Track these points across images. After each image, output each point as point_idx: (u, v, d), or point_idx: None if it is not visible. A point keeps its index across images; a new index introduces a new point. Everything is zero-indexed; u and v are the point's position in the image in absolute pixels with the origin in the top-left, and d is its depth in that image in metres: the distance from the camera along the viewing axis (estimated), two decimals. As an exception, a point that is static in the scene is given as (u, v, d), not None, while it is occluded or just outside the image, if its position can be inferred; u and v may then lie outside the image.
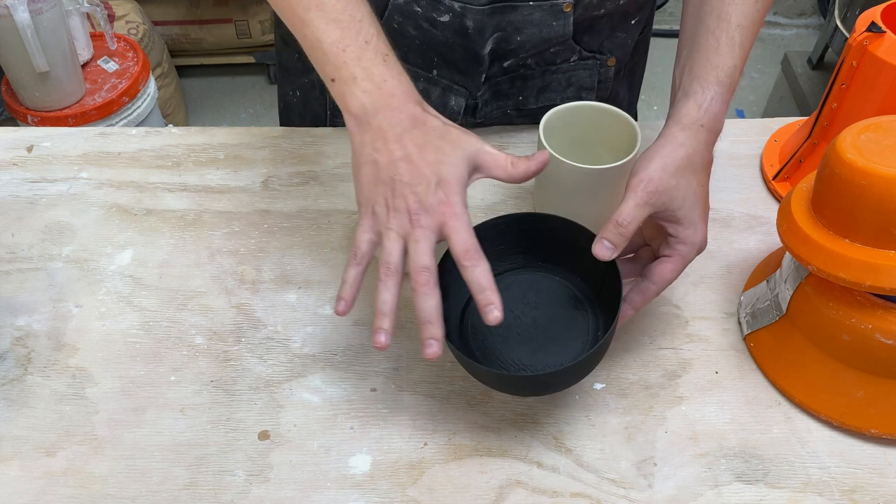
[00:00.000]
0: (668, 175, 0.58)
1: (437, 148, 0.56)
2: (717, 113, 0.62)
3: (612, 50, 0.84)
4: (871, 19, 0.73)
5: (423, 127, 0.57)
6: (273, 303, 0.73)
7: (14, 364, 0.68)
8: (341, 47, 0.58)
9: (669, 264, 0.60)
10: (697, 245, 0.60)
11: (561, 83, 0.85)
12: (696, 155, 0.60)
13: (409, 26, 0.78)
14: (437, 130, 0.57)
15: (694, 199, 0.59)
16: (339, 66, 0.58)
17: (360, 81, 0.57)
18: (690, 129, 0.61)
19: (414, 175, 0.55)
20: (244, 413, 0.65)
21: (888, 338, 0.58)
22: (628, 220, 0.57)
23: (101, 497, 0.60)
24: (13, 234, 0.79)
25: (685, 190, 0.59)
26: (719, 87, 0.62)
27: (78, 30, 1.68)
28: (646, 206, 0.58)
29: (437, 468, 0.61)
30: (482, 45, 0.78)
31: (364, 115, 0.57)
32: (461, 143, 0.57)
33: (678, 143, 0.60)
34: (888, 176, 0.54)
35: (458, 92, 0.84)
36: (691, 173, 0.60)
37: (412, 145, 0.56)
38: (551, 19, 0.76)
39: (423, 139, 0.56)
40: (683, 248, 0.60)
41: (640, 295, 0.61)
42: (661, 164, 0.59)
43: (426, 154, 0.55)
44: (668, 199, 0.58)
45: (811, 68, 2.07)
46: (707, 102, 0.61)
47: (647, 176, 0.58)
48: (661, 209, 0.59)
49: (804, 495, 0.60)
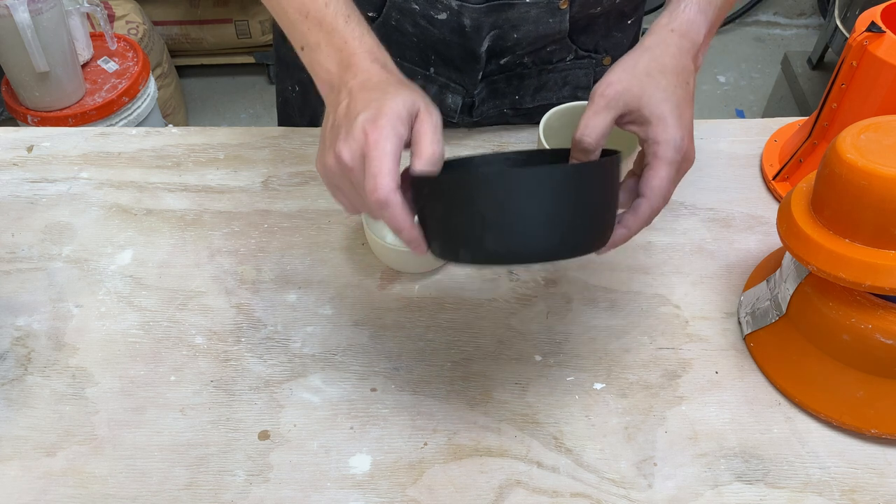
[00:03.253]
0: (629, 76, 0.55)
1: (381, 90, 0.53)
2: (690, 20, 0.59)
3: (607, 49, 0.84)
4: (871, 19, 0.73)
5: (376, 78, 0.55)
6: (273, 303, 0.73)
7: (14, 364, 0.68)
8: (303, 13, 0.58)
9: (651, 171, 0.55)
10: (672, 143, 0.54)
11: (557, 82, 0.85)
12: (665, 56, 0.57)
13: (406, 23, 0.79)
14: (389, 83, 0.54)
15: (663, 96, 0.55)
16: (305, 32, 0.59)
17: (324, 47, 0.57)
18: (658, 34, 0.59)
19: (349, 115, 0.53)
20: (244, 413, 0.65)
21: (888, 338, 0.58)
22: (586, 132, 0.55)
23: (101, 497, 0.60)
24: (13, 234, 0.79)
25: (651, 88, 0.55)
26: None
27: (78, 30, 1.68)
28: (606, 110, 0.55)
29: (437, 468, 0.61)
30: (479, 42, 0.78)
31: (329, 79, 0.57)
32: (406, 90, 0.54)
33: (643, 48, 0.58)
34: (888, 176, 0.54)
35: (454, 90, 0.84)
36: (659, 73, 0.56)
37: (360, 93, 0.54)
38: (548, 16, 0.77)
39: (371, 89, 0.54)
40: (658, 148, 0.54)
41: (632, 213, 0.56)
42: (621, 67, 0.56)
43: (368, 94, 0.53)
44: (631, 98, 0.55)
45: (811, 68, 2.07)
46: (680, 10, 0.59)
47: (606, 80, 0.56)
48: (625, 111, 0.55)
49: (804, 495, 0.60)
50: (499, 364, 0.68)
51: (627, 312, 0.72)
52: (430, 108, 0.53)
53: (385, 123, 0.51)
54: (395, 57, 0.82)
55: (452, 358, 0.69)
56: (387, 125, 0.50)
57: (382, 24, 0.80)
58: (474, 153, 0.62)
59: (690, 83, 0.58)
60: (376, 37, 0.58)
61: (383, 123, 0.50)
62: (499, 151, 0.61)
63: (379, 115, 0.51)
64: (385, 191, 0.50)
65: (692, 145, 0.56)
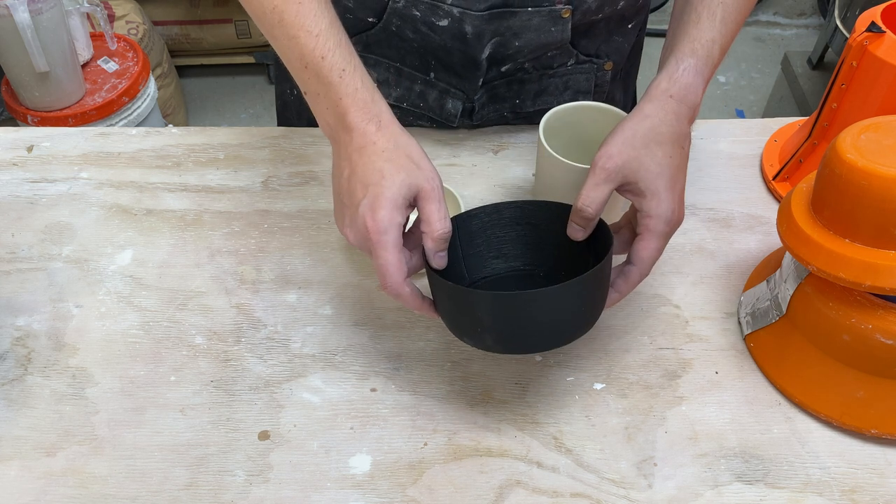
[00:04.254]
0: (628, 148, 0.58)
1: (378, 170, 0.56)
2: (689, 84, 0.61)
3: (608, 54, 0.84)
4: (871, 19, 0.73)
5: (371, 147, 0.57)
6: (273, 303, 0.73)
7: (14, 364, 0.68)
8: (302, 64, 0.60)
9: (642, 242, 0.59)
10: (664, 217, 0.58)
11: (558, 87, 0.85)
12: (663, 125, 0.59)
13: (407, 30, 0.78)
14: (385, 153, 0.57)
15: (658, 169, 0.58)
16: (305, 81, 0.60)
17: (322, 98, 0.60)
18: (658, 100, 0.60)
19: (351, 196, 0.57)
20: (244, 413, 0.65)
21: (888, 338, 0.58)
22: (587, 202, 0.58)
23: (101, 497, 0.60)
24: (13, 234, 0.79)
25: (648, 161, 0.58)
26: (693, 59, 0.61)
27: (78, 30, 1.68)
28: (606, 182, 0.58)
29: (437, 468, 0.61)
30: (480, 49, 0.78)
31: (329, 132, 0.61)
32: (402, 172, 0.57)
33: (643, 115, 0.60)
34: (888, 176, 0.54)
35: (455, 95, 0.84)
36: (656, 144, 0.59)
37: (359, 165, 0.57)
38: (550, 25, 0.76)
39: (368, 160, 0.57)
40: (650, 221, 0.58)
41: (623, 278, 0.60)
42: (622, 137, 0.58)
43: (366, 175, 0.57)
44: (630, 171, 0.58)
45: (811, 68, 2.07)
46: (679, 73, 0.61)
47: (607, 152, 0.58)
48: (623, 182, 0.58)
49: (804, 495, 0.60)
50: (499, 364, 0.68)
51: (627, 312, 0.72)
52: (430, 182, 0.57)
53: (383, 217, 0.55)
54: (395, 62, 0.83)
55: (452, 358, 0.69)
56: (384, 219, 0.55)
57: (383, 30, 0.80)
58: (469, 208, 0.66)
59: (685, 147, 0.61)
60: (373, 86, 0.60)
61: (381, 217, 0.55)
62: (496, 203, 0.65)
63: (376, 206, 0.55)
64: (394, 287, 0.56)
65: (682, 209, 0.60)
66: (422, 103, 0.85)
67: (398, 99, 0.85)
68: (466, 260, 0.65)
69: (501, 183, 0.84)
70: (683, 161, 0.61)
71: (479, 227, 0.65)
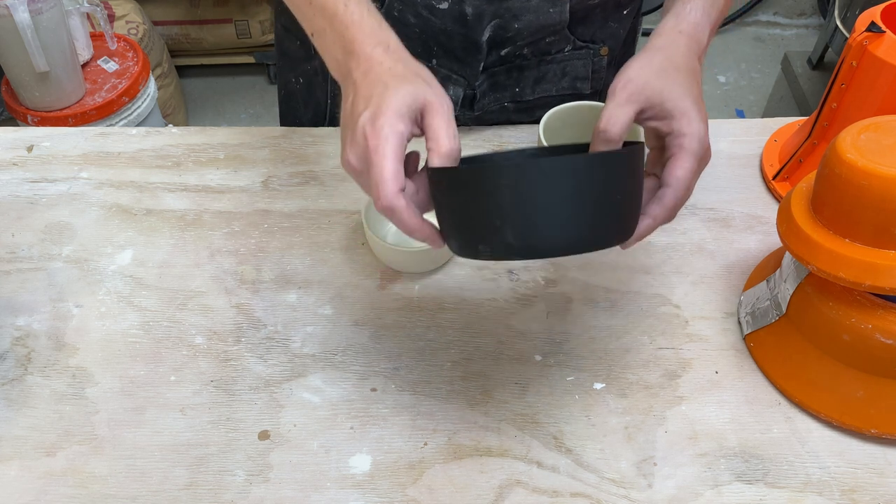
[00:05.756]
0: (646, 73, 0.56)
1: (382, 83, 0.53)
2: (696, 22, 0.60)
3: (604, 39, 0.85)
4: (871, 19, 0.73)
5: (378, 67, 0.54)
6: (273, 303, 0.73)
7: (14, 364, 0.68)
8: (307, 1, 0.59)
9: (677, 161, 0.55)
10: (697, 135, 0.54)
11: (556, 73, 0.86)
12: (677, 56, 0.58)
13: (408, 14, 0.79)
14: (392, 70, 0.54)
15: (681, 90, 0.55)
16: (311, 18, 0.59)
17: (329, 33, 0.58)
18: (667, 35, 0.60)
19: (353, 114, 0.53)
20: (244, 413, 0.65)
21: (888, 338, 0.58)
22: (611, 123, 0.54)
23: (101, 497, 0.60)
24: (13, 234, 0.79)
25: (669, 83, 0.56)
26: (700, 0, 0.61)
27: (78, 30, 1.68)
28: (628, 104, 0.55)
29: (437, 468, 0.61)
30: (480, 32, 0.79)
31: (338, 67, 0.58)
32: (406, 83, 0.53)
33: (655, 48, 0.58)
34: (888, 176, 0.54)
35: (456, 81, 0.85)
36: (674, 70, 0.57)
37: (363, 85, 0.54)
38: (548, 6, 0.78)
39: (375, 77, 0.54)
40: (684, 139, 0.54)
41: (657, 203, 0.55)
42: (638, 65, 0.57)
43: (370, 89, 0.53)
44: (652, 93, 0.55)
45: (811, 68, 2.07)
46: (686, 12, 0.60)
47: (626, 76, 0.56)
48: (647, 106, 0.55)
49: (804, 495, 0.60)
50: (499, 364, 0.68)
51: (627, 312, 0.72)
52: (440, 98, 0.53)
53: (383, 124, 0.50)
54: None
55: (452, 358, 0.69)
56: (385, 126, 0.50)
57: (385, 16, 0.80)
58: (477, 153, 0.63)
59: (699, 81, 0.59)
60: (379, 14, 0.58)
61: (381, 124, 0.50)
62: (516, 149, 0.60)
63: (377, 114, 0.51)
64: (388, 198, 0.50)
65: (709, 142, 0.56)
66: None
67: None
68: None
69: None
70: (701, 94, 0.58)
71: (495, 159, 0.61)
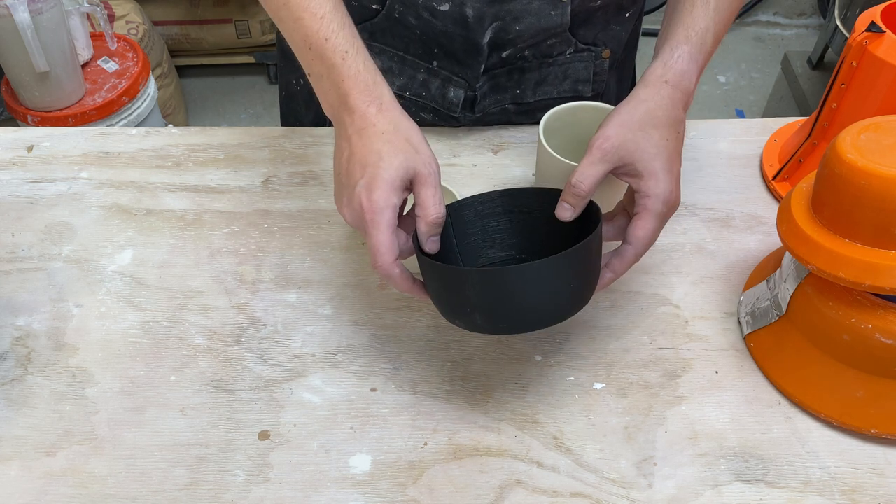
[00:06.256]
0: (625, 130, 0.59)
1: (376, 151, 0.57)
2: (683, 70, 0.62)
3: (606, 42, 0.85)
4: (871, 19, 0.73)
5: (371, 129, 0.58)
6: (273, 303, 0.73)
7: (14, 364, 0.68)
8: (306, 45, 0.61)
9: (639, 221, 0.59)
10: (662, 196, 0.58)
11: (558, 76, 0.86)
12: (659, 110, 0.60)
13: (409, 16, 0.79)
14: (385, 135, 0.58)
15: (654, 150, 0.59)
16: (309, 62, 0.62)
17: (325, 80, 0.61)
18: (653, 86, 0.61)
19: (350, 176, 0.58)
20: (244, 413, 0.65)
21: (888, 338, 0.58)
22: (581, 179, 0.58)
23: (101, 497, 0.60)
24: (13, 234, 0.79)
25: (644, 143, 0.59)
26: (687, 46, 0.62)
27: (78, 30, 1.68)
28: (601, 162, 0.58)
29: (437, 468, 0.61)
30: (481, 34, 0.79)
31: (332, 113, 0.61)
32: (400, 154, 0.57)
33: (639, 100, 0.60)
34: (888, 176, 0.54)
35: (457, 83, 0.85)
36: (652, 127, 0.59)
37: (358, 146, 0.58)
38: (550, 8, 0.77)
39: (368, 141, 0.58)
40: (648, 201, 0.58)
41: (618, 258, 0.60)
42: (618, 120, 0.59)
43: (365, 156, 0.57)
44: (626, 153, 0.58)
45: (811, 68, 2.07)
46: (673, 60, 0.62)
47: (604, 133, 0.59)
48: (619, 164, 0.59)
49: (804, 495, 0.60)
50: (499, 364, 0.68)
51: (627, 312, 0.72)
52: (427, 167, 0.58)
53: (379, 197, 0.56)
54: (399, 51, 0.83)
55: (452, 358, 0.69)
56: (380, 199, 0.56)
57: (386, 17, 0.81)
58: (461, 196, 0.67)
59: (681, 132, 0.62)
60: (375, 68, 0.61)
61: (377, 197, 0.56)
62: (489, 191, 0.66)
63: (373, 186, 0.56)
64: (384, 268, 0.56)
65: (678, 192, 0.60)
66: (424, 92, 0.86)
67: (401, 88, 0.86)
68: (461, 249, 0.66)
69: (501, 183, 0.84)
70: (679, 145, 0.61)
71: (473, 216, 0.66)
